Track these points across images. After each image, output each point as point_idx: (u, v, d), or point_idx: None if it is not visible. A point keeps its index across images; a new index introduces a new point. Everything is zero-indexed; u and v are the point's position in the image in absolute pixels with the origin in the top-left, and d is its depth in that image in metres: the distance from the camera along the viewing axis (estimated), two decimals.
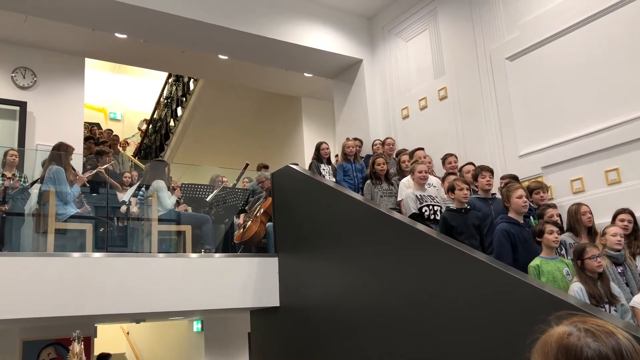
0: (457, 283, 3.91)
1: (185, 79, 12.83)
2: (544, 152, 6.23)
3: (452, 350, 3.83)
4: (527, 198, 4.67)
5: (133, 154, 13.76)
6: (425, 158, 6.65)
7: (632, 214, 4.73)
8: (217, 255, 6.20)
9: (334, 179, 6.81)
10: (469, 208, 4.98)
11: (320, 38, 8.50)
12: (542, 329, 1.12)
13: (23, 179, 6.47)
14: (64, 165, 5.73)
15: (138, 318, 7.38)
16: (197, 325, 9.35)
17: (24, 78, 8.54)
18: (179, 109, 13.08)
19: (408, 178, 5.92)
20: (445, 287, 3.99)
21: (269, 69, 9.79)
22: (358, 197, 5.43)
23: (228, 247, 7.00)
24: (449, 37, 7.67)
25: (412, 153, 6.93)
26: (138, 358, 11.41)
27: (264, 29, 7.95)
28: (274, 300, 5.97)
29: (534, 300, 3.33)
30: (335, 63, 8.94)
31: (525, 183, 5.84)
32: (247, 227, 6.80)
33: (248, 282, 5.91)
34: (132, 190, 6.67)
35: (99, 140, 10.64)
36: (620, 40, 5.63)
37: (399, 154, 7.13)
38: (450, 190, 5.02)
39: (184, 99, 12.87)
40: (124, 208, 6.54)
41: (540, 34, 6.38)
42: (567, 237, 4.71)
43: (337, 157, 7.95)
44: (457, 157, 6.61)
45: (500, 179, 5.87)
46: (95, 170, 6.46)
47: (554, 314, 1.14)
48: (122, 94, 16.29)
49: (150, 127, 14.28)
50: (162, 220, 6.27)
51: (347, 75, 9.14)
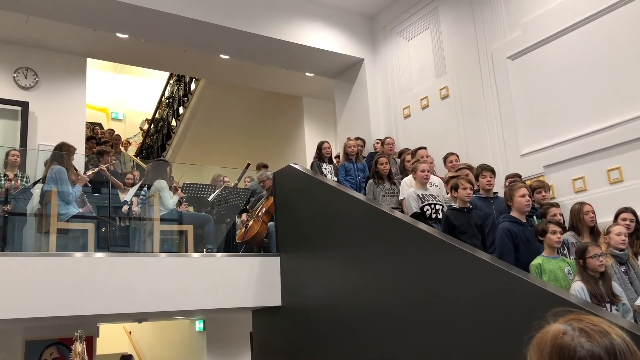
0: (458, 282, 3.91)
1: (187, 79, 12.84)
2: (546, 151, 6.22)
3: (453, 350, 3.82)
4: (530, 197, 4.66)
5: (135, 154, 13.77)
6: (428, 157, 6.65)
7: (634, 213, 4.72)
8: (219, 255, 6.20)
9: (336, 178, 6.81)
10: (472, 207, 4.98)
11: (322, 37, 8.50)
12: (539, 325, 1.13)
13: (25, 179, 6.47)
14: (66, 165, 5.74)
15: (140, 318, 7.39)
16: (199, 325, 9.36)
17: (26, 78, 8.56)
18: (181, 109, 13.09)
19: (410, 177, 5.91)
20: (447, 286, 3.99)
21: (270, 69, 9.79)
22: (360, 196, 5.43)
23: (230, 246, 7.00)
24: (451, 36, 7.67)
25: (414, 152, 6.93)
26: (140, 358, 11.42)
27: (265, 29, 7.95)
28: (276, 300, 5.97)
29: (536, 300, 3.33)
30: (337, 62, 8.93)
31: (528, 182, 5.83)
32: (249, 226, 6.81)
33: (250, 281, 5.91)
34: (134, 190, 6.67)
35: (101, 140, 10.66)
36: (622, 39, 5.61)
37: (402, 154, 7.13)
38: (454, 189, 5.01)
39: (186, 99, 12.87)
40: (126, 208, 6.54)
41: (542, 33, 6.37)
42: (569, 236, 4.71)
43: (337, 157, 7.95)
44: (458, 156, 6.61)
45: (505, 178, 5.87)
46: (97, 169, 6.46)
47: (551, 311, 1.15)
48: (123, 94, 16.30)
49: (152, 126, 14.29)
50: (164, 220, 6.27)
51: (348, 75, 9.13)
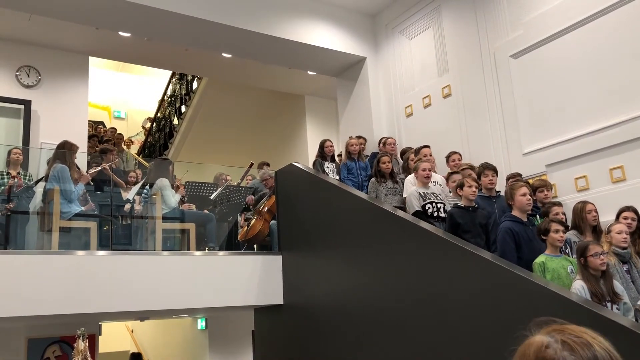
0: (461, 281, 3.91)
1: (189, 78, 12.84)
2: (548, 149, 6.21)
3: (456, 348, 3.82)
4: (531, 196, 4.66)
5: (137, 153, 13.79)
6: (431, 156, 6.65)
7: (636, 212, 4.72)
8: (221, 253, 6.21)
9: (338, 177, 6.81)
10: (477, 206, 4.97)
11: (324, 36, 8.49)
12: (522, 336, 1.13)
13: (28, 178, 6.49)
14: (68, 164, 5.74)
15: (142, 316, 7.40)
16: (201, 323, 9.36)
17: (29, 77, 8.57)
18: (183, 107, 13.10)
19: (412, 176, 5.91)
20: (449, 285, 3.98)
21: (273, 67, 9.79)
22: (362, 195, 5.43)
23: (232, 245, 7.00)
24: (453, 34, 7.65)
25: (417, 150, 6.92)
26: (143, 356, 11.43)
27: (268, 27, 7.95)
28: (278, 298, 5.98)
29: (539, 299, 3.33)
30: (339, 61, 8.93)
31: (530, 181, 5.82)
32: (251, 225, 6.81)
33: (252, 280, 5.92)
34: (136, 189, 6.68)
35: (103, 139, 10.67)
36: (625, 38, 5.60)
37: (404, 153, 7.11)
38: (459, 187, 5.01)
39: (188, 98, 12.87)
40: (128, 206, 6.55)
41: (545, 32, 6.35)
42: (571, 235, 4.70)
43: (340, 155, 7.94)
44: (461, 155, 6.60)
45: (507, 179, 5.86)
46: (100, 167, 6.47)
47: (534, 320, 1.15)
48: (126, 93, 16.32)
49: (154, 125, 14.30)
50: (166, 219, 6.28)
51: (350, 73, 9.13)
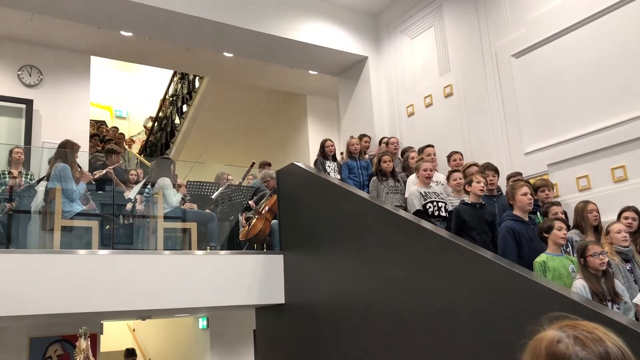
0: (462, 280, 3.91)
1: (191, 77, 12.85)
2: (550, 149, 6.21)
3: (457, 348, 3.82)
4: (531, 196, 4.66)
5: (138, 152, 13.80)
6: (435, 156, 6.65)
7: (636, 212, 4.72)
8: (222, 253, 6.21)
9: (339, 176, 6.81)
10: (484, 204, 4.97)
11: (326, 35, 8.49)
12: (534, 331, 1.13)
13: (29, 177, 6.50)
14: (70, 163, 5.75)
15: (144, 315, 7.41)
16: (202, 322, 9.38)
17: (30, 76, 8.58)
18: (184, 107, 13.11)
19: (414, 175, 5.92)
20: (451, 284, 3.98)
21: (274, 67, 9.79)
22: (363, 194, 5.43)
23: (233, 244, 7.01)
24: (455, 34, 7.65)
25: (421, 150, 6.93)
26: (144, 355, 11.45)
27: (269, 27, 7.95)
28: (279, 298, 5.98)
29: (540, 298, 3.33)
30: (341, 60, 8.93)
31: (531, 181, 5.82)
32: (251, 224, 6.82)
33: (253, 279, 5.92)
34: (137, 188, 6.68)
35: (105, 138, 10.69)
36: (627, 37, 5.59)
37: (405, 151, 7.12)
38: (468, 184, 5.01)
39: (189, 97, 12.88)
40: (130, 205, 6.56)
41: (546, 31, 6.35)
42: (573, 234, 4.71)
43: (342, 154, 7.94)
44: (462, 154, 6.60)
45: (507, 178, 5.86)
46: (105, 171, 6.47)
47: (546, 315, 1.15)
48: (127, 92, 16.33)
49: (156, 124, 14.32)
50: (167, 218, 6.28)
51: (352, 73, 9.13)
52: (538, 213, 5.08)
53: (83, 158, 7.00)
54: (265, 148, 11.82)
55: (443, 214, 5.26)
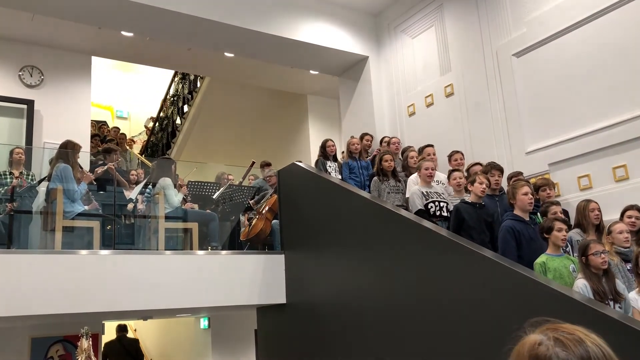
0: (464, 280, 3.91)
1: (192, 77, 12.85)
2: (551, 148, 6.20)
3: (458, 347, 3.82)
4: (532, 195, 4.65)
5: (139, 152, 13.80)
6: (435, 155, 6.65)
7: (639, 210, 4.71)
8: (223, 253, 6.21)
9: (340, 176, 6.81)
10: (484, 204, 4.97)
11: (326, 35, 8.49)
12: (517, 337, 1.15)
13: (31, 177, 6.50)
14: (71, 163, 5.75)
15: (145, 315, 7.41)
16: (203, 322, 9.38)
17: (31, 76, 8.58)
18: (185, 107, 13.11)
19: (416, 175, 5.92)
20: (452, 284, 3.98)
21: (275, 67, 9.79)
22: (364, 194, 5.43)
23: (234, 244, 7.02)
24: (455, 33, 7.65)
25: (421, 149, 6.92)
26: (145, 355, 11.45)
27: (270, 27, 7.95)
28: (281, 298, 5.98)
29: (542, 297, 3.33)
30: (341, 60, 8.93)
31: (532, 180, 5.82)
32: (252, 224, 6.82)
33: (254, 279, 5.92)
34: (139, 188, 6.69)
35: (106, 138, 10.69)
36: (628, 37, 5.59)
37: (405, 151, 7.12)
38: (471, 183, 5.01)
39: (190, 97, 12.89)
40: (131, 206, 6.57)
41: (547, 30, 6.34)
42: (574, 233, 4.70)
43: (342, 153, 7.94)
44: (463, 154, 6.60)
45: (508, 178, 5.85)
46: (106, 167, 6.47)
47: (528, 321, 1.17)
48: (128, 92, 16.34)
49: (157, 125, 14.32)
50: (169, 218, 6.28)
51: (353, 73, 9.13)
52: (538, 213, 5.07)
53: (84, 158, 7.01)
54: (266, 148, 11.82)
55: (445, 214, 5.25)
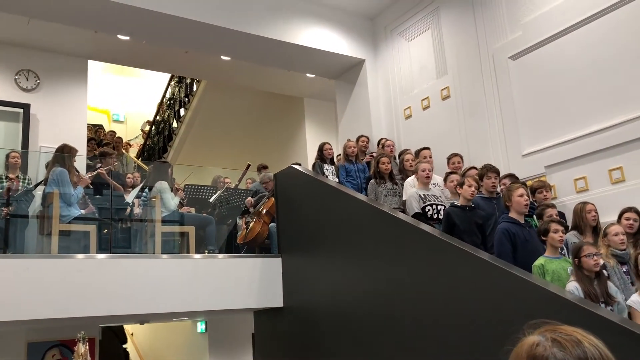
0: (461, 283, 3.90)
1: (188, 80, 12.85)
2: (547, 151, 6.22)
3: (455, 350, 3.82)
4: (528, 197, 4.66)
5: (136, 156, 13.78)
6: (431, 158, 6.65)
7: (637, 213, 4.72)
8: (220, 256, 6.20)
9: (337, 179, 6.81)
10: (474, 206, 4.98)
11: (323, 38, 8.50)
12: (517, 339, 1.15)
13: (27, 181, 6.48)
14: (68, 167, 5.75)
15: (142, 319, 7.40)
16: (201, 326, 9.35)
17: (27, 80, 8.57)
18: (182, 110, 13.10)
19: (413, 178, 5.92)
20: (450, 287, 3.98)
21: (272, 70, 9.79)
22: (361, 197, 5.43)
23: (231, 248, 7.00)
24: (452, 36, 7.66)
25: (417, 152, 6.93)
26: (142, 359, 11.41)
27: (267, 30, 7.96)
28: (278, 301, 5.97)
29: (536, 299, 3.33)
30: (338, 63, 8.94)
31: (529, 182, 5.83)
32: (250, 227, 6.81)
33: (252, 282, 5.91)
34: (135, 192, 6.68)
35: (102, 142, 10.67)
36: (624, 39, 5.61)
37: (402, 154, 7.12)
38: (459, 186, 5.02)
39: (187, 100, 12.88)
40: (127, 209, 6.55)
41: (543, 33, 6.36)
42: (571, 236, 4.71)
43: (339, 156, 7.94)
44: (462, 157, 6.60)
45: (500, 179, 5.85)
46: (96, 172, 6.46)
47: (527, 323, 1.18)
48: (124, 96, 16.33)
49: (153, 128, 14.31)
50: (165, 222, 6.27)
51: (349, 76, 9.14)
52: (534, 216, 5.07)
53: (81, 162, 6.99)
54: (263, 151, 11.81)
55: (442, 217, 5.26)
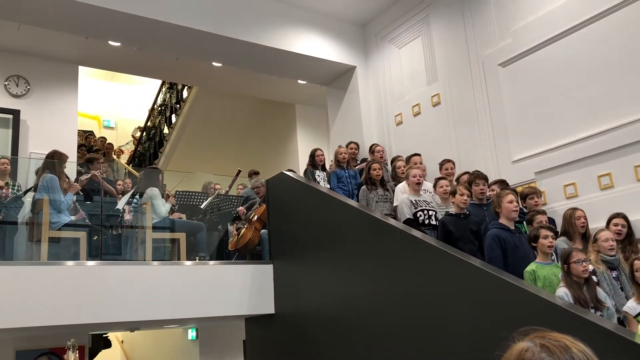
0: (452, 289, 3.91)
1: (179, 87, 12.83)
2: (537, 157, 6.26)
3: (447, 356, 3.82)
4: (517, 203, 4.69)
5: (127, 162, 13.72)
6: (422, 164, 6.67)
7: (625, 219, 4.76)
8: (211, 263, 6.18)
9: (329, 186, 6.81)
10: (468, 213, 5.00)
11: (314, 45, 8.53)
12: (507, 345, 1.16)
13: (16, 188, 6.44)
14: (58, 174, 5.72)
15: (132, 326, 7.35)
16: (191, 333, 9.31)
17: (17, 86, 8.52)
18: (173, 117, 13.07)
19: (404, 184, 5.93)
20: (441, 293, 3.99)
21: (263, 76, 9.80)
22: (353, 203, 5.44)
23: (222, 254, 6.98)
24: (442, 43, 7.71)
25: (408, 158, 6.95)
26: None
27: (258, 37, 7.97)
28: (269, 308, 5.96)
29: (527, 304, 3.34)
30: (329, 70, 8.96)
31: (519, 189, 5.86)
32: (241, 234, 6.79)
33: (243, 289, 5.89)
34: (126, 198, 6.65)
35: (93, 148, 10.63)
36: (612, 46, 5.67)
37: (394, 160, 7.15)
38: (452, 195, 5.05)
39: (178, 107, 12.86)
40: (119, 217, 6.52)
41: (533, 40, 6.42)
42: (561, 241, 4.73)
43: (331, 162, 7.95)
44: (454, 163, 6.63)
45: (489, 185, 5.89)
46: (90, 175, 6.42)
47: (518, 330, 1.19)
48: (115, 102, 16.27)
49: (144, 134, 14.26)
50: (156, 228, 6.25)
51: (340, 82, 9.16)
52: (524, 222, 5.10)
53: (71, 168, 6.95)
54: (255, 157, 11.81)
55: (433, 223, 5.28)
